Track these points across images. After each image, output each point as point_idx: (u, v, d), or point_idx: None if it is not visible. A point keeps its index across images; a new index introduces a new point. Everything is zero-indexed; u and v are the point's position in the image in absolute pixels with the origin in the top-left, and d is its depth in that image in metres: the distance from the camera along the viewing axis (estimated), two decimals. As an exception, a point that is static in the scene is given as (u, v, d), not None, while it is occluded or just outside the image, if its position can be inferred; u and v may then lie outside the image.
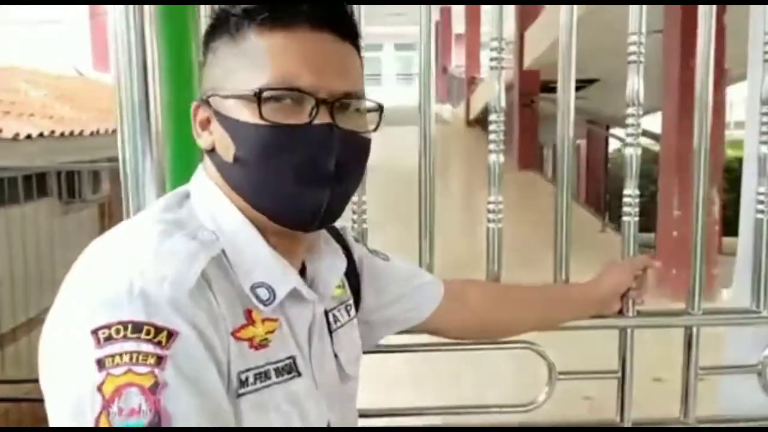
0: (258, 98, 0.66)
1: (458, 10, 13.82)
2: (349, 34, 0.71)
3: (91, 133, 5.95)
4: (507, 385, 2.45)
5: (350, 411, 0.82)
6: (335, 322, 0.81)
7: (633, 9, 1.12)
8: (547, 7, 7.10)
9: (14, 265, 4.50)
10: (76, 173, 6.11)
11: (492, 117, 1.14)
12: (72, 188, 6.18)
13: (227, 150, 0.69)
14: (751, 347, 1.20)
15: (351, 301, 0.85)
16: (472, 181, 7.50)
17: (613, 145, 8.60)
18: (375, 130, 0.74)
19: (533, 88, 8.50)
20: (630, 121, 1.13)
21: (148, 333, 0.57)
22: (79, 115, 6.06)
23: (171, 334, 0.58)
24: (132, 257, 0.62)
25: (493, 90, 1.12)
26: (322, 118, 0.67)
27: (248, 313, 0.67)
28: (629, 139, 1.13)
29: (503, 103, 1.13)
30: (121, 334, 0.57)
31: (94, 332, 0.57)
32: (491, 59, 1.13)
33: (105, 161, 5.45)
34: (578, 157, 13.84)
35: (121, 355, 0.56)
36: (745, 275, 1.19)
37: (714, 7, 1.11)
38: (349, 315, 0.84)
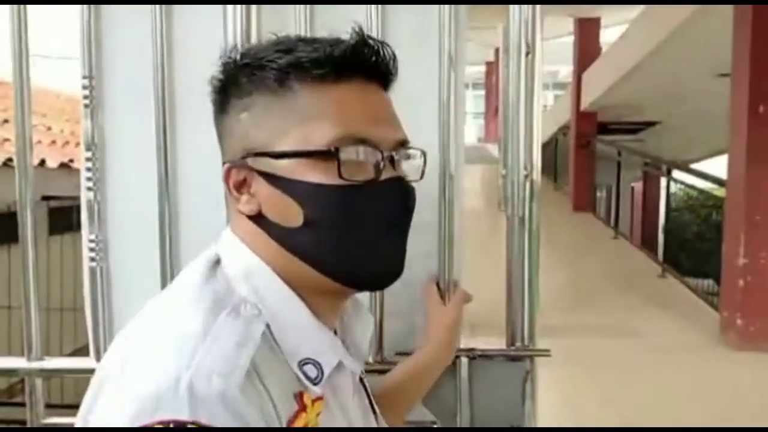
0: (336, 156, 0.62)
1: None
2: (390, 84, 0.70)
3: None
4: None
5: None
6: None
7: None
8: (606, 50, 7.86)
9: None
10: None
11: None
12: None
13: (289, 214, 0.64)
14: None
15: None
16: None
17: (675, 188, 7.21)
18: (420, 178, 0.72)
19: (590, 129, 8.96)
20: (87, 165, 1.03)
21: None
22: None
23: None
24: (177, 345, 0.57)
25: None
26: (388, 171, 0.65)
27: (300, 397, 0.62)
28: (89, 184, 1.03)
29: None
30: None
31: None
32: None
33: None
34: (632, 199, 10.68)
35: None
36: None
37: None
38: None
